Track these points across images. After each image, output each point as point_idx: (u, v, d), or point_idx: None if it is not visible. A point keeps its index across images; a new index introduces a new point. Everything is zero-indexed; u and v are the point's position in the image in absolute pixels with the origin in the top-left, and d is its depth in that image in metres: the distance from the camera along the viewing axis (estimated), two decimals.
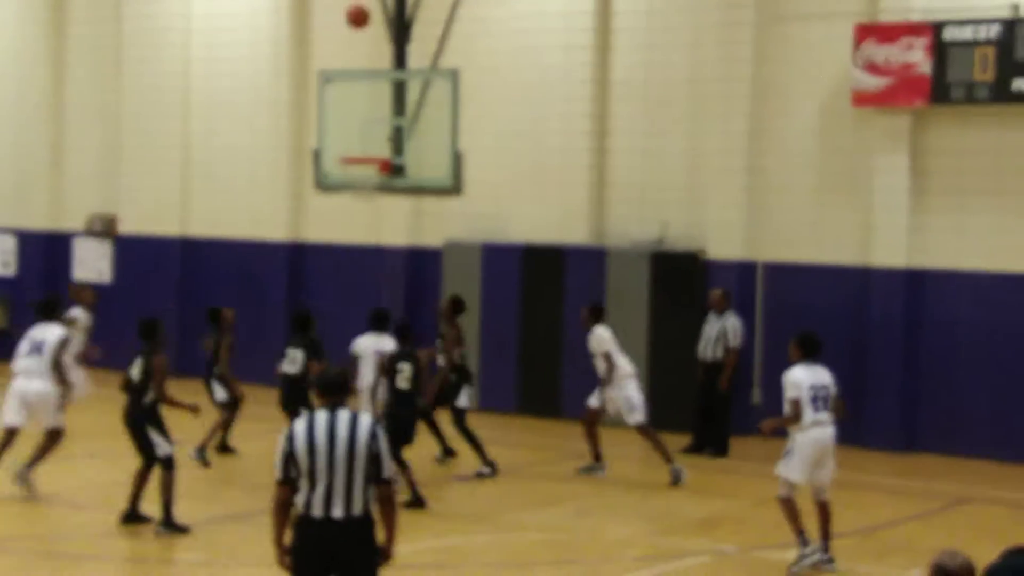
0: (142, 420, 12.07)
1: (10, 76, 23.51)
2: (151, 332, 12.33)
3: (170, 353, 20.25)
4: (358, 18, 15.30)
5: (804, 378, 11.26)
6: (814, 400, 11.23)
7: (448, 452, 15.52)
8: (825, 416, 11.30)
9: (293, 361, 14.45)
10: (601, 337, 14.88)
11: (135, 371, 12.13)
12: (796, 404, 11.15)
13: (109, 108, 22.53)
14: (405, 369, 13.34)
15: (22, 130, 23.33)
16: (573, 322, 18.44)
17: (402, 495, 12.34)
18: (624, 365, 14.91)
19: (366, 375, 14.40)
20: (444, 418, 15.25)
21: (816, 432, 11.24)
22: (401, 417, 13.22)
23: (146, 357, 12.16)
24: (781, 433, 11.66)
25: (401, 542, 7.76)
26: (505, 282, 18.97)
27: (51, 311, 13.79)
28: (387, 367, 13.52)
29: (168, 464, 11.97)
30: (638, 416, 14.87)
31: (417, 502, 13.10)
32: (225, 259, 21.48)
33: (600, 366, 14.89)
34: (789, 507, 11.34)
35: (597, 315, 15.13)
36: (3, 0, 23.67)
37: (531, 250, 18.86)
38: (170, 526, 11.89)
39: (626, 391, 14.84)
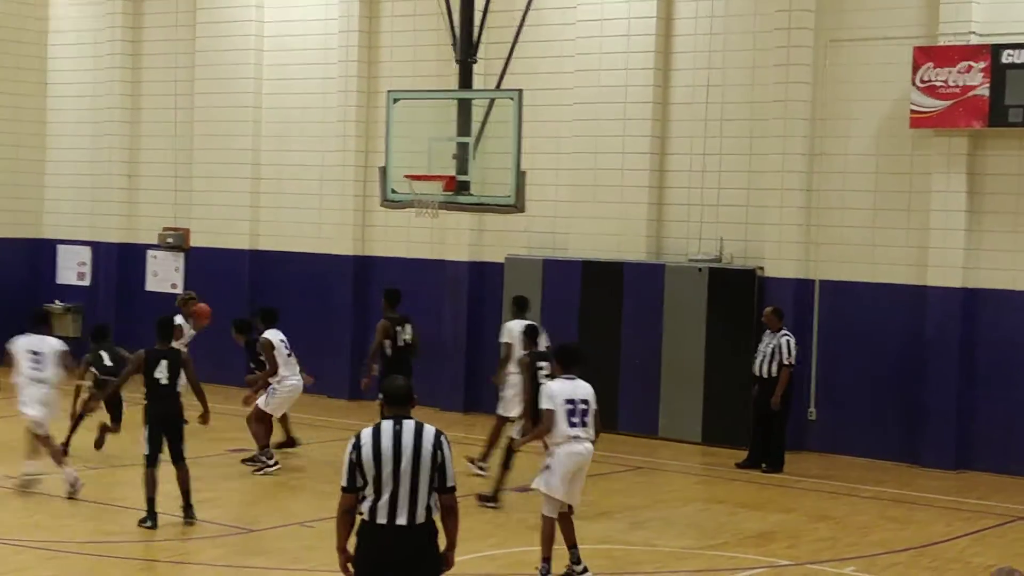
0: (182, 419, 12.87)
1: (87, 95, 24.04)
2: (170, 331, 13.18)
3: (238, 362, 20.92)
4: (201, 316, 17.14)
5: (559, 391, 11.00)
6: (570, 414, 10.95)
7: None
8: (582, 431, 11.03)
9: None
10: (507, 329, 15.52)
11: (163, 373, 12.64)
12: (549, 415, 10.93)
13: (182, 126, 23.02)
14: (544, 366, 13.91)
15: (98, 146, 23.85)
16: (631, 337, 18.70)
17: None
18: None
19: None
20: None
21: (572, 446, 11.02)
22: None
23: (172, 358, 12.77)
24: None
25: (461, 551, 7.92)
26: (565, 297, 19.23)
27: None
28: (530, 365, 13.98)
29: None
30: (512, 411, 15.03)
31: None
32: (293, 272, 21.91)
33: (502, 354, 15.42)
34: (551, 526, 11.12)
35: (517, 309, 15.81)
36: (80, 20, 24.24)
37: (591, 266, 19.12)
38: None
39: (509, 390, 15.11)
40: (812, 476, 16.32)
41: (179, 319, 16.84)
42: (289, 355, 15.65)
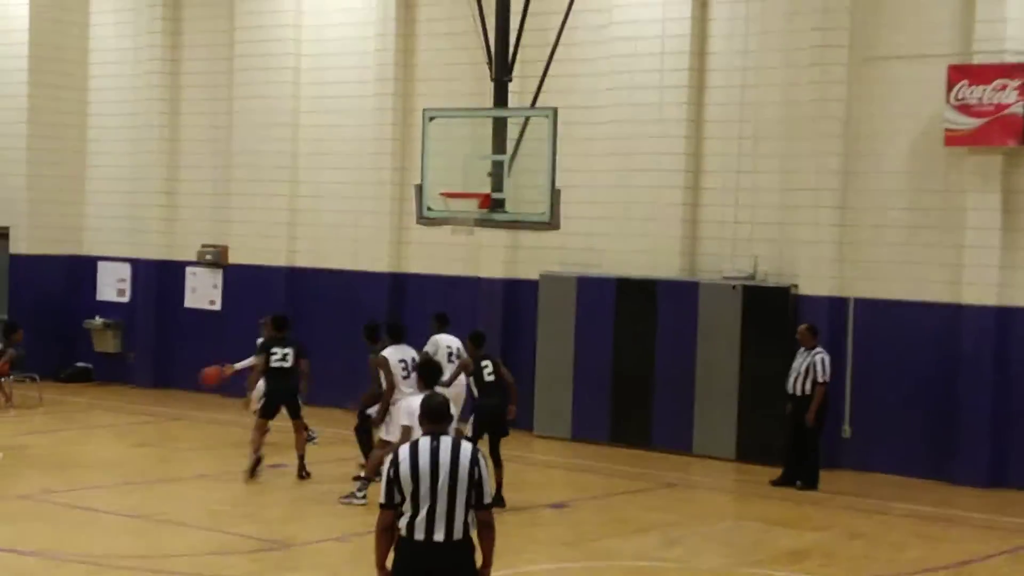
0: None
1: (127, 113, 24.26)
2: None
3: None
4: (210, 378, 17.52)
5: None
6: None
7: None
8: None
9: (285, 358, 15.88)
10: (435, 342, 16.60)
11: None
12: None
13: (221, 144, 23.22)
14: (488, 366, 14.94)
15: (138, 164, 24.05)
16: (665, 354, 18.73)
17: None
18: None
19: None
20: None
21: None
22: (492, 408, 14.77)
23: None
24: None
25: (497, 567, 7.96)
26: (599, 314, 19.29)
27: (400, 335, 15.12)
28: (472, 367, 14.98)
29: None
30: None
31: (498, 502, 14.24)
32: (329, 289, 22.05)
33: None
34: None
35: (439, 324, 16.94)
36: (121, 39, 24.47)
37: (625, 283, 19.18)
38: None
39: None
40: (847, 494, 16.27)
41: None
42: (407, 375, 14.53)
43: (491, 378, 14.95)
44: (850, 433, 17.81)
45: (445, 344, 16.56)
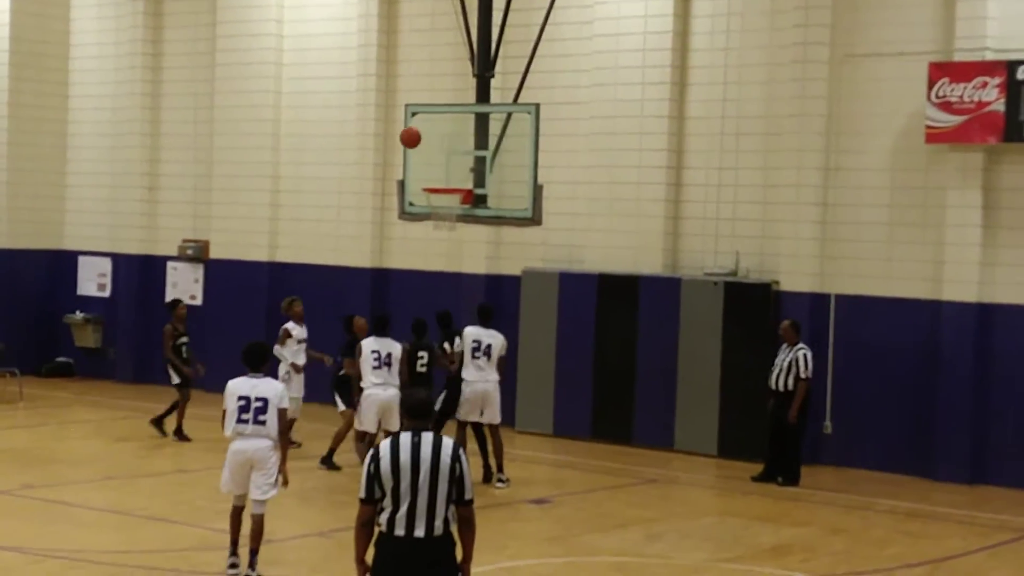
0: None
1: (108, 108, 24.28)
2: None
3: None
4: (411, 139, 16.04)
5: (234, 388, 11.15)
6: (241, 411, 11.06)
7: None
8: (250, 428, 11.11)
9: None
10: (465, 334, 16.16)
11: None
12: (223, 415, 11.18)
13: (202, 139, 23.23)
14: (424, 357, 15.54)
15: (119, 159, 24.06)
16: (647, 350, 18.78)
17: None
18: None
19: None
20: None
21: (237, 443, 11.19)
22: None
23: None
24: None
25: (477, 563, 8.01)
26: (581, 310, 19.34)
27: (383, 326, 15.75)
28: (408, 357, 15.48)
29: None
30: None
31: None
32: (311, 284, 22.03)
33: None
34: (234, 515, 11.47)
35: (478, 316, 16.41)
36: (102, 34, 24.47)
37: (607, 279, 19.22)
38: None
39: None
40: (827, 489, 16.37)
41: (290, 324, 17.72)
42: (377, 366, 15.50)
43: (423, 369, 15.41)
44: (831, 429, 17.90)
45: (472, 338, 16.11)
